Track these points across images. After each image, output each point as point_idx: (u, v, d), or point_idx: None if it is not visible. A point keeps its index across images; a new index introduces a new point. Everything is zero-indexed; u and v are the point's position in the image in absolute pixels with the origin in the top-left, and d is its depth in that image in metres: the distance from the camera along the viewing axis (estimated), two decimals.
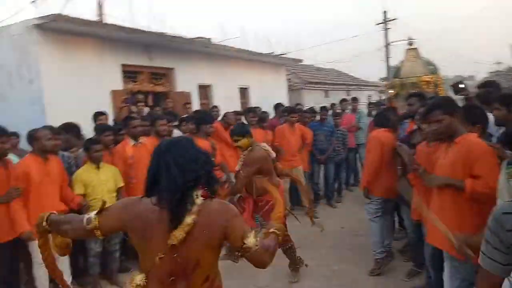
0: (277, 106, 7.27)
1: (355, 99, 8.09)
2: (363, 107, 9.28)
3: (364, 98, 16.59)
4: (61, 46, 5.98)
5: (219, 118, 6.14)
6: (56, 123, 4.52)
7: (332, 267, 4.12)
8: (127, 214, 1.51)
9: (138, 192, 4.08)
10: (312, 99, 13.57)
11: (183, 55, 8.18)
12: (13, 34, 5.90)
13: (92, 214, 1.54)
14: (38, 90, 5.76)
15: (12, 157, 3.52)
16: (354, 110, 7.67)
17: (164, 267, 1.45)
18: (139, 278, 1.49)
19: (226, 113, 5.92)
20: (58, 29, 5.82)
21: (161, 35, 7.28)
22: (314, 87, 14.83)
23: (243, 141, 3.61)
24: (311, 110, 6.92)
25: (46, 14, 5.58)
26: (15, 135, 4.56)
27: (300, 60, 12.64)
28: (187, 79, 8.27)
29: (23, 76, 5.91)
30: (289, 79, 13.74)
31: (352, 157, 7.33)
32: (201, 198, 1.49)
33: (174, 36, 7.61)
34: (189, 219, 1.43)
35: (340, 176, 6.90)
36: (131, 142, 4.12)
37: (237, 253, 1.56)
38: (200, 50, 8.47)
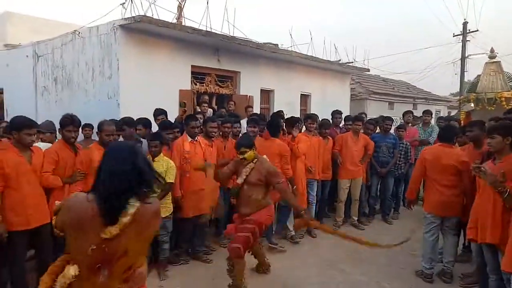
0: (334, 114, 6.97)
1: (427, 112, 7.60)
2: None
3: (432, 113, 15.68)
4: (139, 46, 6.47)
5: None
6: (130, 116, 4.94)
7: (383, 284, 3.99)
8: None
9: (192, 185, 4.35)
10: (376, 110, 13.15)
11: (250, 59, 8.40)
12: (100, 34, 6.52)
13: None
14: (115, 85, 6.29)
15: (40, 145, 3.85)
16: (426, 124, 7.24)
17: (94, 257, 1.56)
18: (73, 270, 1.58)
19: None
20: (139, 29, 6.31)
21: (231, 38, 7.55)
22: (379, 98, 14.37)
23: (250, 153, 3.64)
24: (375, 121, 6.72)
25: (131, 16, 6.08)
26: (90, 126, 5.12)
27: (367, 70, 12.32)
28: (250, 83, 8.48)
29: (104, 73, 6.49)
30: (353, 88, 13.46)
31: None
32: (137, 202, 1.60)
33: (244, 40, 7.85)
34: (125, 219, 1.56)
35: (399, 192, 6.62)
36: (189, 139, 4.43)
37: None
38: (266, 55, 8.63)
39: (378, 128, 6.57)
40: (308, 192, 5.34)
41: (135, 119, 4.84)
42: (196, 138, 4.48)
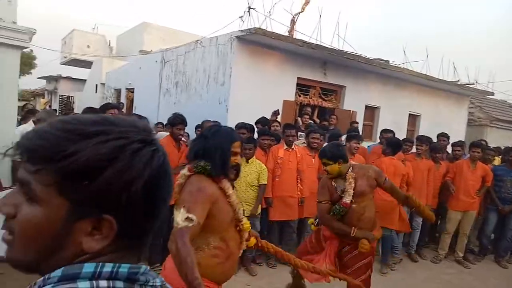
0: (439, 137, 6.30)
1: None
2: None
3: None
4: (252, 56, 6.89)
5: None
6: (235, 121, 5.30)
7: None
8: None
9: (279, 190, 4.49)
10: (497, 139, 11.63)
11: (357, 74, 8.26)
12: (218, 44, 7.13)
13: None
14: (226, 92, 6.80)
15: None
16: None
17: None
18: (217, 239, 1.85)
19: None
20: (253, 40, 6.73)
21: (340, 52, 7.54)
22: (502, 125, 12.68)
23: (333, 167, 2.99)
24: (497, 150, 6.01)
25: (248, 28, 6.54)
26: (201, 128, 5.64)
27: (491, 93, 11.04)
28: (355, 98, 8.32)
29: (218, 80, 7.07)
30: (472, 112, 12.15)
31: None
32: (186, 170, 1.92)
33: (352, 55, 7.77)
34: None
35: None
36: (285, 146, 4.61)
37: None
38: (375, 70, 8.38)
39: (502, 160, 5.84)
40: (412, 217, 5.05)
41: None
42: (293, 146, 4.62)
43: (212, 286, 1.81)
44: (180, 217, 1.62)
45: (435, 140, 6.52)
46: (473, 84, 10.29)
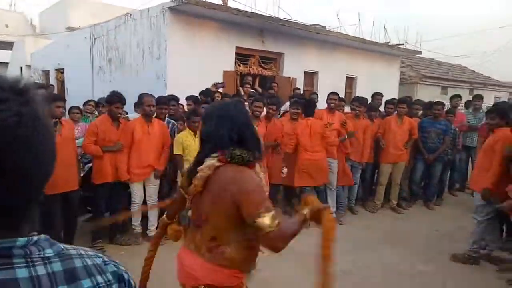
0: (374, 96, 6.57)
1: (478, 97, 7.20)
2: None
3: (490, 99, 14.73)
4: (186, 27, 6.70)
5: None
6: (174, 94, 5.21)
7: (417, 267, 3.96)
8: None
9: None
10: (427, 95, 12.54)
11: (294, 40, 8.37)
12: (150, 16, 6.83)
13: None
14: (163, 66, 6.60)
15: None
16: (477, 109, 6.87)
17: (193, 212, 1.72)
18: (252, 230, 1.57)
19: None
20: (187, 11, 6.53)
21: (276, 20, 7.56)
22: (431, 82, 13.67)
23: None
24: (425, 104, 6.49)
25: None
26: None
27: (419, 52, 11.75)
28: (294, 65, 8.47)
29: (154, 54, 6.82)
30: (404, 71, 12.91)
31: (462, 159, 6.72)
32: (216, 162, 1.55)
33: (289, 22, 7.83)
34: (200, 173, 1.58)
35: (444, 178, 6.39)
36: None
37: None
38: (311, 36, 8.54)
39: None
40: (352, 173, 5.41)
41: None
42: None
43: (243, 277, 1.67)
44: (269, 222, 1.42)
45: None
46: (403, 44, 10.89)
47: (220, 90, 6.52)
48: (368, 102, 6.11)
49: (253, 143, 1.62)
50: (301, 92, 8.14)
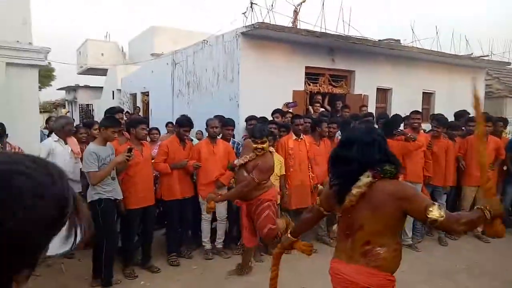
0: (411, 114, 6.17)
1: None
2: None
3: None
4: (258, 50, 6.99)
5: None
6: (247, 116, 5.47)
7: None
8: (326, 192, 2.12)
9: (294, 180, 4.69)
10: None
11: (366, 57, 8.22)
12: (225, 41, 7.26)
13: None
14: (236, 88, 6.94)
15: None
16: None
17: (342, 223, 1.98)
18: (335, 227, 2.12)
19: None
20: (258, 35, 6.82)
21: (346, 38, 7.54)
22: None
23: (266, 145, 3.68)
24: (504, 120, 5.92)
25: (251, 23, 6.64)
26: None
27: (507, 63, 10.73)
28: (366, 82, 8.30)
29: (227, 77, 7.22)
30: (490, 84, 11.85)
31: None
32: (370, 178, 1.81)
33: (359, 39, 7.75)
34: (354, 191, 1.82)
35: None
36: (294, 137, 4.77)
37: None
38: (384, 52, 8.32)
39: None
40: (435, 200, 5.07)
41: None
42: (302, 136, 4.76)
43: (394, 280, 1.88)
44: (437, 212, 1.67)
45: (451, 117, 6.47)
46: (488, 56, 10.04)
47: (291, 110, 6.65)
48: (450, 121, 5.75)
49: (394, 159, 1.91)
50: (372, 109, 7.95)
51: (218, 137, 4.62)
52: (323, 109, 7.18)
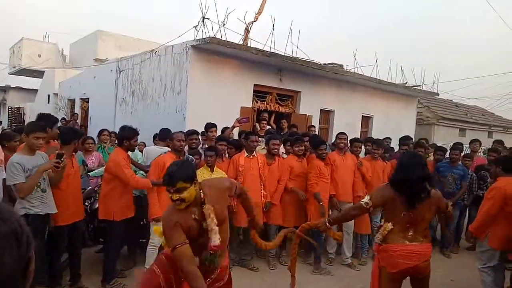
0: (404, 139, 6.35)
1: (499, 142, 7.14)
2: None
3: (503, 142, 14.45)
4: (207, 65, 6.97)
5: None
6: (193, 128, 5.36)
7: None
8: (384, 196, 2.79)
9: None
10: (445, 137, 12.49)
11: (311, 79, 8.57)
12: (174, 53, 7.16)
13: (367, 198, 2.79)
14: (183, 100, 6.83)
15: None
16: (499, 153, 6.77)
17: (403, 219, 2.69)
18: (390, 225, 2.73)
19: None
20: (208, 50, 6.82)
21: (294, 59, 7.80)
22: (449, 123, 13.59)
23: (190, 190, 2.22)
24: (440, 149, 6.43)
25: (203, 37, 6.61)
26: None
27: (436, 94, 11.79)
28: (310, 102, 8.62)
29: (175, 88, 7.09)
30: (420, 112, 12.93)
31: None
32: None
33: (306, 61, 8.06)
34: (424, 197, 2.69)
35: (460, 224, 6.23)
36: (245, 154, 4.68)
37: None
38: (328, 75, 8.74)
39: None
40: (370, 218, 5.28)
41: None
42: (254, 153, 4.72)
43: None
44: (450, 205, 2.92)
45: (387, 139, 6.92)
46: (419, 86, 10.97)
47: (242, 124, 6.66)
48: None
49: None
50: (315, 130, 8.24)
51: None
52: (269, 127, 7.29)
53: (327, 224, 2.90)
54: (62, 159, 3.24)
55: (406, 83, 11.12)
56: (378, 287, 2.83)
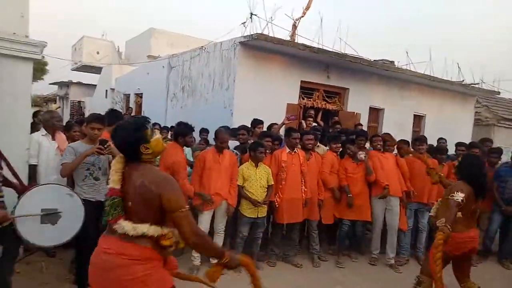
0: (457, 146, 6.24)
1: None
2: None
3: None
4: (254, 61, 7.03)
5: None
6: (240, 124, 5.48)
7: None
8: (468, 191, 3.24)
9: (286, 192, 4.61)
10: (505, 139, 11.62)
11: (360, 76, 8.34)
12: (222, 49, 7.30)
13: (461, 195, 3.14)
14: (231, 96, 6.95)
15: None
16: None
17: (469, 209, 3.30)
18: (459, 214, 3.20)
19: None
20: (256, 46, 6.87)
21: (342, 55, 7.64)
22: (510, 125, 12.61)
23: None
24: (497, 151, 6.00)
25: (250, 34, 6.68)
26: (206, 131, 5.85)
27: (497, 93, 10.99)
28: (359, 100, 8.40)
29: (223, 84, 7.24)
30: (479, 112, 12.12)
31: None
32: None
33: (354, 57, 7.86)
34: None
35: None
36: (287, 150, 4.74)
37: None
38: (378, 72, 8.45)
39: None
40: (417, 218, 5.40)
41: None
42: (296, 149, 4.74)
43: None
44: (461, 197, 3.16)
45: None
46: (478, 84, 10.28)
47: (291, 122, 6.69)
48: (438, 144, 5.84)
49: None
50: (364, 128, 8.02)
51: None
52: (315, 124, 7.22)
53: (449, 228, 3.01)
54: (105, 146, 3.31)
55: (463, 80, 10.48)
56: (435, 267, 2.94)
